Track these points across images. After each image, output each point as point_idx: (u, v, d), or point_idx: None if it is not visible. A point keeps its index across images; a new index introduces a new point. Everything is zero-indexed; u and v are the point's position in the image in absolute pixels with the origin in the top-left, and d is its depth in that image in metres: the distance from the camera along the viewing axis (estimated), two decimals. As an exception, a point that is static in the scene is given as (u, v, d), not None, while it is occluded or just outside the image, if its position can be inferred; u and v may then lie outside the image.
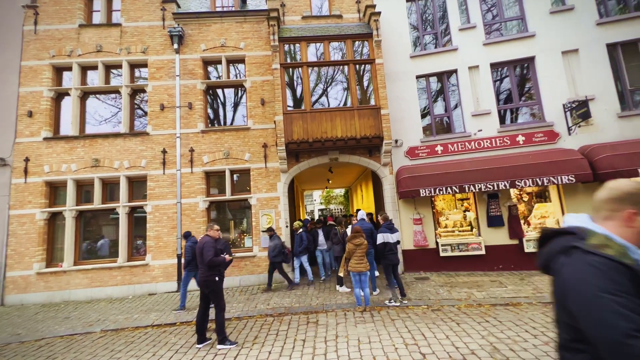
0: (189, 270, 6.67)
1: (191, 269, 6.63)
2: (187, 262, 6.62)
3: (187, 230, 7.31)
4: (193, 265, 6.57)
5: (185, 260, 6.68)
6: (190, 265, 6.62)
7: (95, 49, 9.27)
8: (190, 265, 6.61)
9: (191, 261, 6.56)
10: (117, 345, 5.08)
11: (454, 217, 9.27)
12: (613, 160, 7.33)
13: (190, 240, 6.81)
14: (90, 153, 8.88)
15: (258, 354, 4.32)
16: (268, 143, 9.11)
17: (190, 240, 6.80)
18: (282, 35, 8.84)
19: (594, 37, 8.53)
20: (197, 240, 6.74)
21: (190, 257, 6.58)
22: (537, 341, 4.09)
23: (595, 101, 8.25)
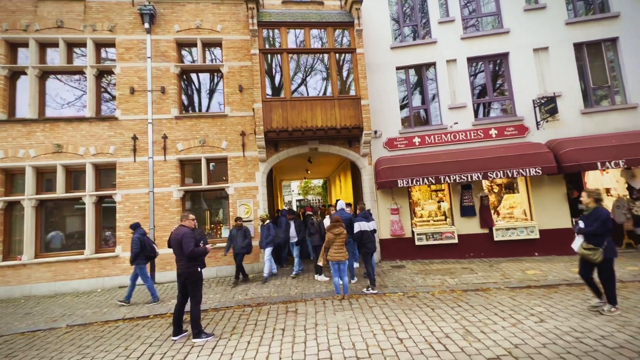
0: (138, 264, 6.42)
1: (140, 262, 6.42)
2: (135, 255, 6.36)
3: (135, 222, 6.88)
4: (142, 258, 6.42)
5: (133, 253, 6.36)
6: (139, 258, 6.39)
7: (56, 25, 8.51)
8: (138, 258, 6.38)
9: (139, 253, 6.37)
10: (85, 341, 4.83)
11: (429, 207, 9.56)
12: (575, 154, 7.80)
13: (138, 231, 6.51)
14: (52, 138, 8.24)
15: (237, 344, 4.26)
16: (246, 131, 8.86)
17: (139, 231, 6.52)
18: (262, 19, 8.53)
19: (562, 36, 8.94)
20: (145, 232, 6.63)
21: (138, 250, 6.35)
22: (506, 323, 4.33)
23: (562, 98, 8.70)
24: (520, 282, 6.36)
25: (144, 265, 6.52)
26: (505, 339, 3.82)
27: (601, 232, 4.37)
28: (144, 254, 6.46)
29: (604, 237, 4.38)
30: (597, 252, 4.35)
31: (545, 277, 6.54)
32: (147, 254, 6.51)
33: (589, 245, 4.45)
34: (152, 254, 6.63)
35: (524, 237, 8.51)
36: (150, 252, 6.55)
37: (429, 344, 3.85)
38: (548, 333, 3.93)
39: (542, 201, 8.62)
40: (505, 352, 3.52)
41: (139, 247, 6.36)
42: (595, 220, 4.40)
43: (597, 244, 4.38)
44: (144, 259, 6.50)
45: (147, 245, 6.52)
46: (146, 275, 6.54)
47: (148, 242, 6.57)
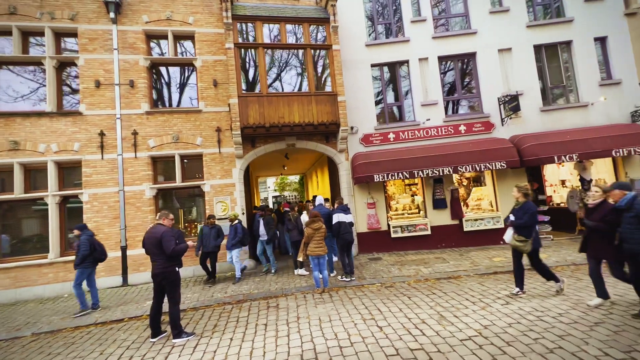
0: (84, 267, 5.97)
1: (87, 265, 5.98)
2: (83, 258, 5.91)
3: (81, 223, 6.47)
4: (90, 261, 6.00)
5: (80, 256, 5.91)
6: (86, 262, 5.95)
7: (8, 11, 7.85)
8: (86, 261, 5.95)
9: (87, 256, 5.93)
10: (55, 348, 4.59)
11: (403, 200, 9.90)
12: (535, 149, 8.40)
13: (85, 232, 6.07)
14: (7, 134, 7.63)
15: (219, 341, 4.25)
16: (222, 127, 8.69)
17: (86, 232, 6.08)
18: (236, 12, 8.36)
19: (524, 38, 9.54)
20: (93, 234, 6.22)
21: (87, 252, 5.91)
22: (476, 307, 4.65)
23: (524, 96, 9.31)
24: (488, 268, 6.80)
25: (89, 270, 6.06)
26: (476, 321, 4.11)
27: (529, 224, 4.67)
28: (92, 257, 6.03)
29: (532, 229, 4.72)
30: (527, 243, 4.70)
31: (509, 264, 6.99)
32: (96, 257, 6.10)
33: (520, 237, 4.78)
34: (102, 257, 6.20)
35: (490, 227, 9.07)
36: (100, 254, 6.15)
37: (406, 330, 4.05)
38: (513, 314, 4.27)
39: (507, 193, 9.20)
40: (476, 333, 3.79)
41: (88, 249, 5.92)
42: (525, 214, 4.72)
43: (527, 236, 4.72)
44: (92, 262, 6.07)
45: (97, 247, 6.10)
46: (79, 282, 6.00)
47: (97, 244, 6.14)
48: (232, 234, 7.32)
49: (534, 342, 3.46)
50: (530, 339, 3.54)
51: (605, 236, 4.11)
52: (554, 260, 6.91)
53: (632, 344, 3.24)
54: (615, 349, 3.19)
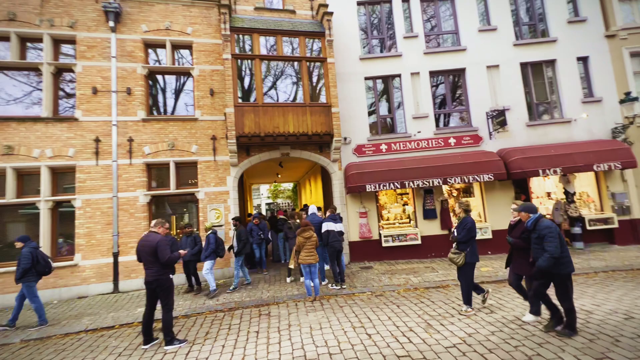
0: (28, 281, 5.70)
1: (29, 278, 5.70)
2: (24, 271, 5.63)
3: (23, 234, 6.07)
4: (33, 274, 5.73)
5: (21, 269, 5.62)
6: (28, 275, 5.68)
7: (7, 17, 7.93)
8: (28, 274, 5.68)
9: (29, 269, 5.67)
10: (45, 355, 4.60)
11: (394, 210, 10.10)
12: (522, 162, 8.72)
13: (28, 244, 5.80)
14: (1, 139, 7.64)
15: (211, 348, 4.32)
16: (217, 135, 8.82)
17: (29, 244, 5.80)
18: (234, 24, 8.58)
19: (511, 56, 9.95)
20: (37, 245, 5.95)
21: (28, 265, 5.63)
22: (461, 316, 4.81)
23: (511, 111, 9.67)
24: (475, 278, 6.95)
25: (34, 284, 5.78)
26: (461, 329, 4.27)
27: (466, 239, 4.84)
28: (35, 270, 5.75)
29: (468, 243, 4.87)
30: (459, 256, 4.84)
31: (496, 274, 7.23)
32: (39, 270, 5.81)
33: (456, 250, 4.95)
34: (47, 269, 5.90)
35: (479, 238, 9.25)
36: (44, 267, 5.85)
37: (394, 337, 4.18)
38: (496, 322, 4.44)
39: (494, 204, 9.49)
40: (461, 340, 3.95)
41: (30, 263, 5.63)
42: (463, 229, 4.91)
43: (462, 249, 4.88)
44: (35, 276, 5.78)
45: (41, 259, 5.82)
46: (34, 295, 5.79)
47: (42, 256, 5.87)
48: (205, 244, 7.01)
49: (515, 349, 3.63)
50: (511, 346, 3.71)
51: (523, 252, 4.36)
52: (538, 271, 7.12)
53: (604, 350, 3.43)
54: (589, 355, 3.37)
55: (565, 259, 3.85)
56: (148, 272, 4.49)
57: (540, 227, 3.92)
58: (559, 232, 3.85)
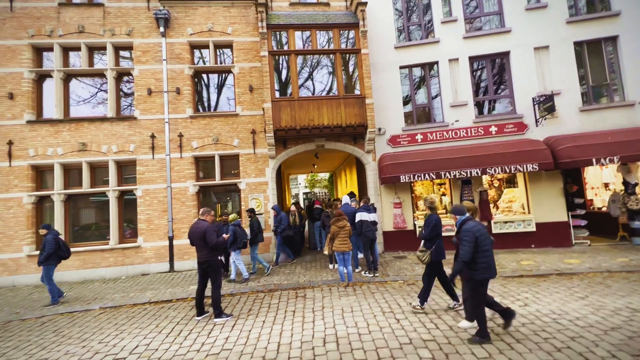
0: (49, 264, 6.47)
1: (51, 262, 6.48)
2: (48, 256, 6.38)
3: (46, 223, 6.97)
4: (54, 258, 6.49)
5: (46, 254, 6.38)
6: (50, 259, 6.44)
7: (77, 30, 9.05)
8: (50, 258, 6.43)
9: (53, 254, 6.42)
10: (120, 320, 5.48)
11: (431, 201, 9.97)
12: (572, 151, 8.13)
13: (52, 232, 6.55)
14: (77, 137, 8.87)
15: (253, 323, 4.85)
16: (256, 129, 9.37)
17: (52, 232, 6.56)
18: (270, 22, 8.94)
19: (563, 35, 9.15)
20: (59, 233, 6.71)
21: (52, 250, 6.37)
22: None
23: (561, 95, 8.97)
24: (514, 271, 6.80)
25: (53, 267, 6.54)
26: (490, 320, 4.32)
27: (430, 237, 4.82)
28: (57, 255, 6.50)
29: (432, 241, 4.82)
30: (425, 255, 4.79)
31: (537, 268, 6.97)
32: (61, 254, 6.58)
33: (422, 248, 4.90)
34: (67, 254, 6.69)
35: (521, 230, 8.92)
36: (65, 252, 6.63)
37: (422, 323, 4.37)
38: (529, 315, 4.41)
39: (540, 195, 8.98)
40: (488, 329, 4.01)
41: (53, 248, 6.38)
42: (427, 227, 4.83)
43: (428, 247, 4.83)
44: (56, 260, 6.55)
45: (62, 245, 6.59)
46: (51, 277, 6.52)
47: (63, 243, 6.64)
48: (231, 236, 7.11)
49: (544, 341, 3.64)
50: (540, 337, 3.72)
51: None
52: (587, 267, 6.75)
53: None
54: (625, 352, 3.29)
55: (483, 264, 3.71)
56: (200, 254, 5.12)
57: (462, 231, 3.82)
58: (478, 237, 3.70)
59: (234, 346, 4.13)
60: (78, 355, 4.23)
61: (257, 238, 7.83)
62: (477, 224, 3.83)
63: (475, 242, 3.69)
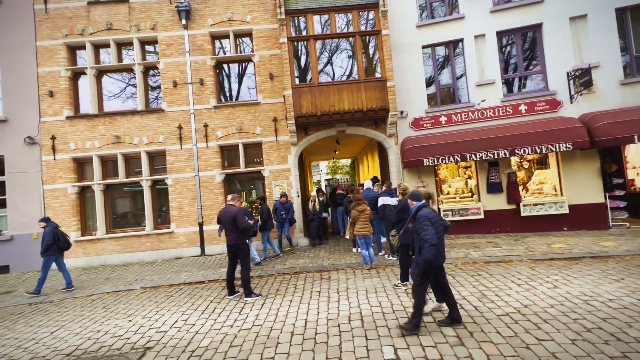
0: (49, 255, 6.63)
1: (51, 253, 6.62)
2: (47, 247, 6.56)
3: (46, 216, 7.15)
4: (54, 250, 6.63)
5: (45, 245, 6.57)
6: (50, 250, 6.59)
7: (106, 27, 9.46)
8: (50, 250, 6.58)
9: (52, 245, 6.58)
10: (160, 298, 5.94)
11: (456, 184, 9.78)
12: (610, 127, 7.62)
13: (50, 224, 6.71)
14: (111, 130, 9.41)
15: (281, 302, 5.11)
16: (278, 117, 9.49)
17: (51, 224, 6.71)
18: (289, 7, 8.88)
19: (603, 1, 8.44)
20: (57, 226, 6.84)
21: (51, 242, 6.54)
22: (520, 289, 4.76)
23: (600, 68, 8.36)
24: (544, 254, 6.61)
25: (52, 258, 6.72)
26: (517, 301, 4.29)
27: (396, 220, 5.19)
28: (56, 246, 6.66)
29: (400, 225, 5.07)
30: (395, 238, 5.14)
31: (570, 251, 6.73)
32: (60, 246, 6.73)
33: (393, 232, 5.24)
34: (66, 245, 6.86)
35: (552, 212, 8.57)
36: (64, 243, 6.79)
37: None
38: (558, 296, 4.33)
39: (574, 176, 8.55)
40: (514, 310, 4.01)
41: (52, 239, 6.56)
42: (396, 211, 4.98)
43: (398, 231, 5.10)
44: (56, 251, 6.71)
45: (61, 237, 6.74)
46: (47, 268, 6.70)
47: (61, 235, 6.79)
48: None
49: (573, 321, 3.58)
50: (569, 318, 3.66)
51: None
52: (624, 249, 6.44)
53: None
54: (663, 334, 3.19)
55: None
56: (229, 238, 5.40)
57: (418, 217, 3.76)
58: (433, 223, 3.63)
59: (264, 322, 4.39)
60: (126, 328, 4.67)
61: (267, 225, 8.03)
62: (431, 210, 3.84)
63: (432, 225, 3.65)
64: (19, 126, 9.16)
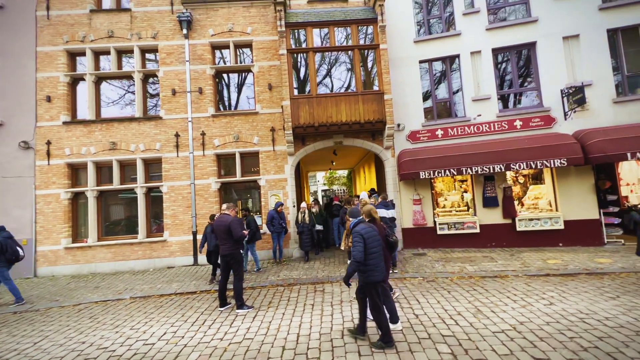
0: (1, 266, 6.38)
1: (1, 264, 6.36)
2: None
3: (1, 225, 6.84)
4: (2, 260, 6.36)
5: None
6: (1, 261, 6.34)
7: (107, 35, 9.53)
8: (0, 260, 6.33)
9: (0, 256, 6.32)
10: (149, 309, 5.79)
11: (452, 197, 9.79)
12: (604, 145, 7.72)
13: (2, 234, 6.47)
14: (108, 136, 9.36)
15: (274, 314, 5.00)
16: (276, 127, 9.52)
17: (2, 234, 6.47)
18: (289, 20, 9.03)
19: (595, 23, 8.67)
20: (10, 235, 6.60)
21: None
22: (516, 305, 4.71)
23: (593, 87, 8.52)
24: (540, 270, 6.58)
25: (4, 269, 6.41)
26: (513, 317, 4.23)
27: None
28: (4, 257, 6.36)
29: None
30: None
31: (565, 267, 6.70)
32: (8, 257, 6.42)
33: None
34: (14, 257, 6.49)
35: (548, 228, 8.58)
36: (12, 255, 6.44)
37: (441, 319, 4.34)
38: (554, 314, 4.28)
39: (569, 192, 8.60)
40: (510, 327, 3.94)
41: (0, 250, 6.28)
42: None
43: None
44: (4, 262, 6.39)
45: (9, 248, 6.41)
46: (5, 278, 6.45)
47: (11, 246, 6.45)
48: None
49: (569, 340, 3.53)
50: (566, 337, 3.61)
51: None
52: (619, 267, 6.43)
53: None
54: (660, 354, 3.14)
55: (369, 267, 3.68)
56: (223, 247, 5.31)
57: (352, 233, 3.82)
58: (366, 239, 3.68)
59: (255, 336, 4.28)
60: (112, 339, 4.53)
61: (254, 236, 7.77)
62: (367, 226, 3.86)
63: (364, 244, 3.67)
64: (14, 130, 9.10)
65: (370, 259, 3.69)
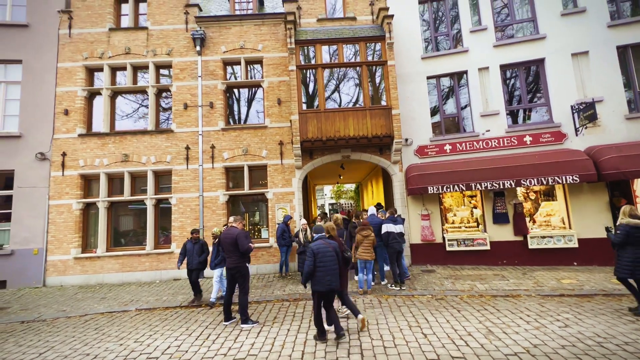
0: None
1: None
2: None
3: None
4: None
5: None
6: None
7: (124, 51, 9.93)
8: None
9: None
10: (154, 322, 5.76)
11: (461, 213, 9.64)
12: (617, 161, 7.56)
13: None
14: (120, 149, 9.60)
15: (278, 330, 4.91)
16: (284, 141, 9.63)
17: None
18: (298, 37, 9.28)
19: (604, 39, 8.67)
20: None
21: None
22: (529, 326, 4.53)
23: (604, 103, 8.43)
24: (554, 290, 6.36)
25: None
26: (526, 340, 4.07)
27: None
28: None
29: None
30: None
31: (581, 287, 6.47)
32: None
33: None
34: None
35: (561, 246, 8.34)
36: None
37: (451, 339, 4.20)
38: (570, 337, 4.10)
39: (582, 209, 8.39)
40: (523, 350, 3.79)
41: None
42: None
43: None
44: None
45: None
46: None
47: None
48: (214, 252, 6.59)
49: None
50: (582, 362, 3.44)
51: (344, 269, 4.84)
52: (638, 288, 6.15)
53: None
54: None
55: (316, 278, 4.31)
56: (229, 260, 5.29)
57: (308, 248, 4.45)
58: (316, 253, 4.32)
59: (259, 352, 4.20)
60: (116, 352, 4.50)
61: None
62: (321, 243, 4.43)
63: (314, 258, 4.30)
64: (32, 142, 9.40)
65: (318, 271, 4.30)
